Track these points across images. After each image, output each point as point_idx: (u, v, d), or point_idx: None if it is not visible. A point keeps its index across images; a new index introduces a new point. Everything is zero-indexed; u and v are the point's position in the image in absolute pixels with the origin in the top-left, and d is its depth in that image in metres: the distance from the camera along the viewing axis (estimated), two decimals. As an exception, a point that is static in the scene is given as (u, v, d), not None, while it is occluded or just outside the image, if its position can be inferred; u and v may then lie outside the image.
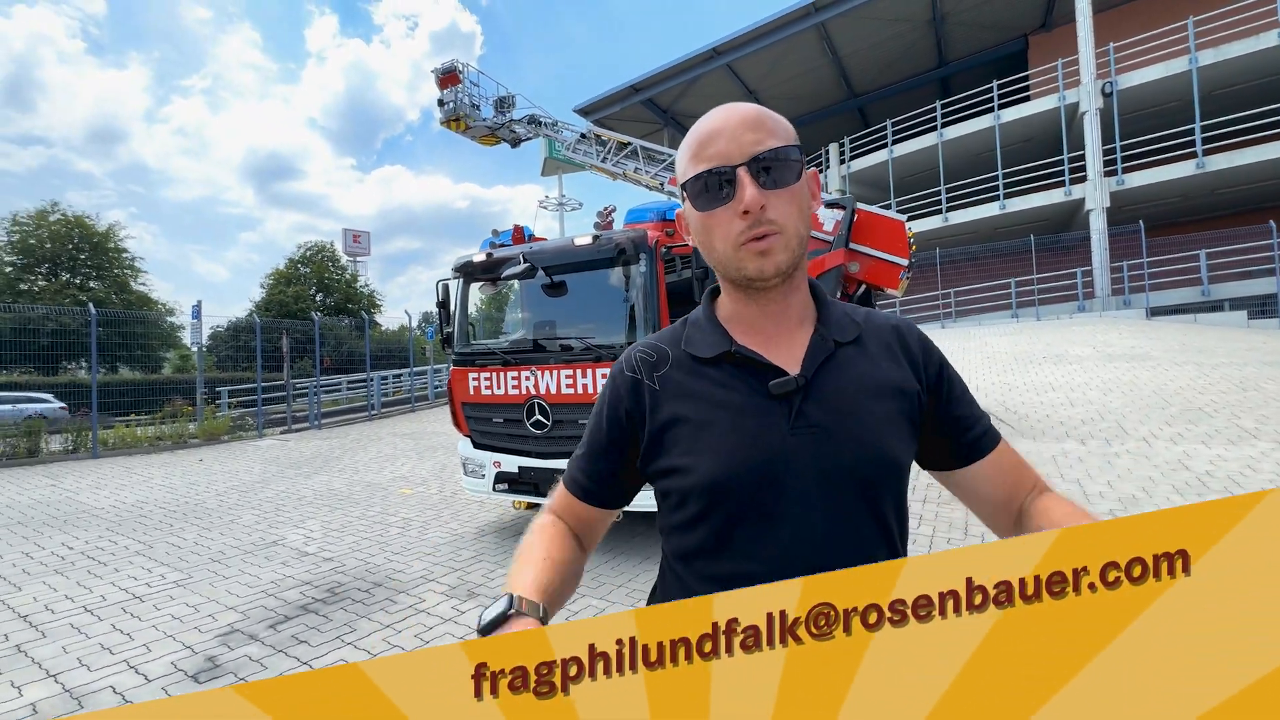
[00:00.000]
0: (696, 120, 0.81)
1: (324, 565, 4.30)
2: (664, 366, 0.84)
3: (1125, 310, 15.78)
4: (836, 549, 0.74)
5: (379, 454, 9.12)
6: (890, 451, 0.76)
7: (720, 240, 0.76)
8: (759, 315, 0.81)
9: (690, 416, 0.79)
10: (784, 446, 0.74)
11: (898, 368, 0.82)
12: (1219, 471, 5.12)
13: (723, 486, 0.75)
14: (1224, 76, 15.52)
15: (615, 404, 0.85)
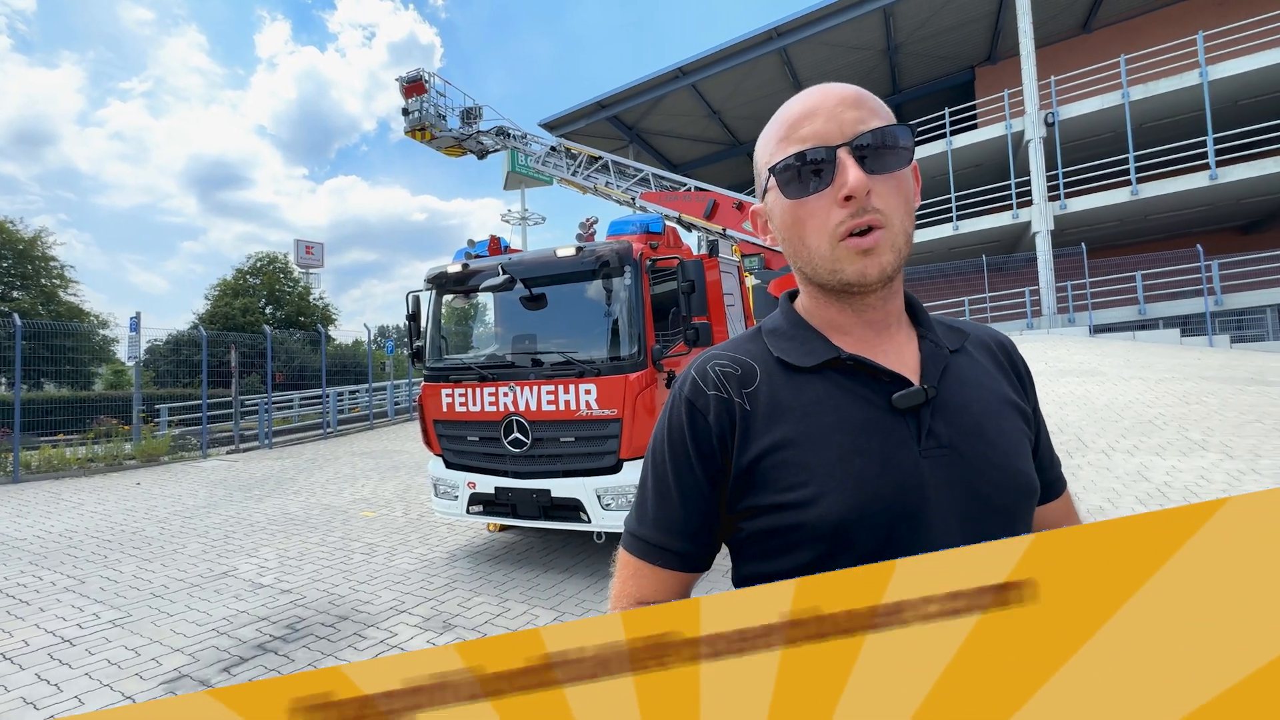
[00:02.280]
0: (663, 139, 0.71)
1: (282, 598, 3.97)
2: (754, 381, 0.68)
3: (1070, 328, 16.58)
4: None
5: (337, 474, 8.66)
6: (1027, 475, 0.68)
7: (815, 234, 0.65)
8: (857, 323, 0.69)
9: (796, 440, 0.64)
10: (917, 471, 0.62)
11: (1008, 382, 0.75)
12: (1176, 482, 5.32)
13: (852, 523, 0.61)
14: (1153, 111, 16.65)
15: (702, 433, 0.67)
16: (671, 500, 0.69)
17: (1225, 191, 15.86)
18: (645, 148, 27.77)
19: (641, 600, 0.69)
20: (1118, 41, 19.16)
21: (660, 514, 0.70)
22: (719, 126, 26.48)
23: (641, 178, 9.99)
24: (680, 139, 27.63)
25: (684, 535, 0.69)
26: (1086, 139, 17.87)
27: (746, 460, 0.65)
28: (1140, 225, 18.58)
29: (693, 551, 0.69)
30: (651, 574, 0.70)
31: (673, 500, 0.69)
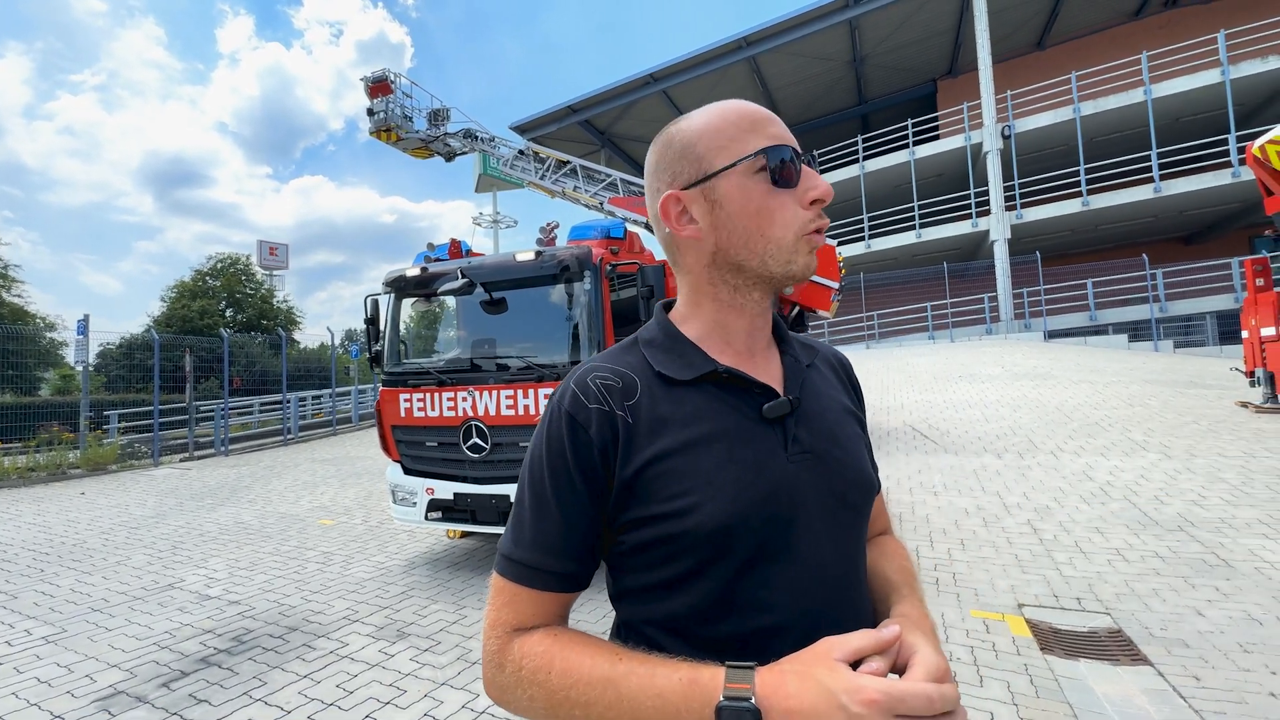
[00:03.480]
0: (712, 104, 0.71)
1: (229, 610, 3.86)
2: (635, 394, 0.68)
3: (1026, 333, 17.16)
4: (845, 584, 0.68)
5: (295, 482, 8.43)
6: (870, 474, 0.76)
7: (782, 227, 0.66)
8: (741, 331, 0.72)
9: (676, 450, 0.65)
10: (786, 475, 0.65)
11: (847, 394, 0.81)
12: (1118, 481, 5.55)
13: (732, 528, 0.62)
14: (1102, 126, 17.40)
15: (584, 446, 0.65)
16: (551, 518, 0.66)
17: (1168, 204, 16.64)
18: (617, 152, 27.86)
19: (519, 626, 0.66)
20: (1070, 59, 19.97)
21: (539, 533, 0.67)
22: (690, 133, 26.72)
23: (610, 183, 10.01)
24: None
25: (565, 554, 0.66)
26: (1041, 151, 18.56)
27: (629, 473, 0.65)
28: (1091, 235, 19.35)
29: (574, 571, 0.67)
30: (529, 597, 0.67)
31: (552, 518, 0.66)
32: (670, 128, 0.73)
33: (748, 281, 0.70)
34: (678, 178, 0.70)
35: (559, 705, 0.60)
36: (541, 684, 0.61)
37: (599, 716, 0.58)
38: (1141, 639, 3.03)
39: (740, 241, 0.68)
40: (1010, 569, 3.97)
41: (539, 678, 0.61)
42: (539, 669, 0.61)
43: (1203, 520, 4.51)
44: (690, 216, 0.70)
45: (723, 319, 0.72)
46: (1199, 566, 3.79)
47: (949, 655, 2.93)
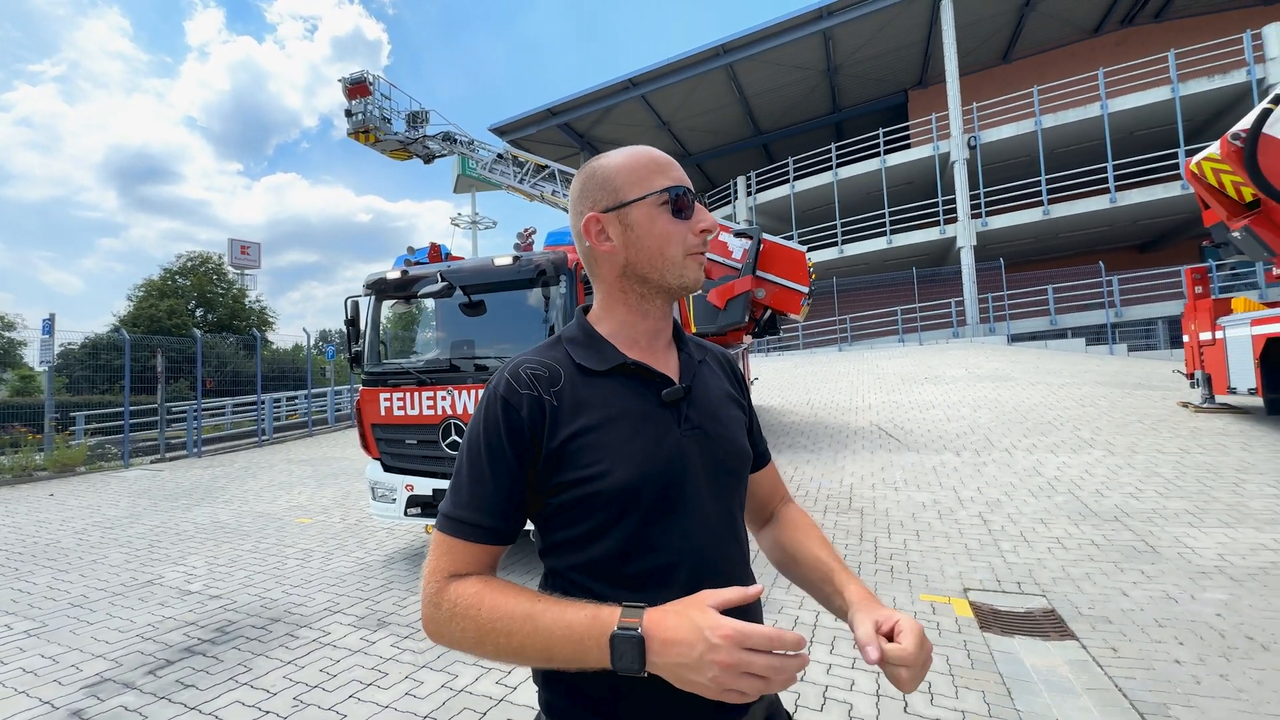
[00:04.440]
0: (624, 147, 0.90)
1: (211, 604, 3.95)
2: (559, 382, 0.82)
3: (991, 336, 17.77)
4: (723, 532, 0.85)
5: (272, 482, 8.43)
6: (746, 447, 0.93)
7: (676, 247, 0.84)
8: (646, 331, 0.89)
9: (593, 427, 0.79)
10: (679, 446, 0.82)
11: (730, 385, 0.99)
12: (1064, 476, 5.91)
13: (635, 488, 0.77)
14: (1062, 138, 18.13)
15: (516, 425, 0.78)
16: (485, 483, 0.79)
17: (1123, 213, 17.41)
18: (594, 155, 28.02)
19: (454, 573, 0.77)
20: (1033, 72, 20.74)
21: (475, 496, 0.79)
22: (669, 137, 26.99)
23: (587, 187, 10.19)
24: (631, 148, 28.03)
25: (495, 513, 0.79)
26: (1005, 161, 19.24)
27: (554, 446, 0.78)
28: (1052, 242, 20.12)
29: (502, 527, 0.79)
30: (464, 549, 0.78)
31: (486, 483, 0.79)
32: (593, 162, 0.89)
33: (651, 290, 0.87)
34: (598, 203, 0.86)
35: (486, 635, 0.72)
36: (472, 618, 0.73)
37: (519, 644, 0.70)
38: (1071, 617, 3.32)
39: (645, 258, 0.84)
40: (960, 557, 4.25)
41: (470, 614, 0.73)
42: (470, 606, 0.73)
43: (1137, 511, 4.86)
44: (606, 235, 0.85)
45: (631, 320, 0.88)
46: (1129, 552, 4.11)
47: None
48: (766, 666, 0.63)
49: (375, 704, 2.66)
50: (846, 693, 2.65)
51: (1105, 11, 20.18)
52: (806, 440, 8.39)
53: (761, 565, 2.02)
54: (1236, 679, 2.60)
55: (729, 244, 8.68)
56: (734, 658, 0.62)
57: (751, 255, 8.33)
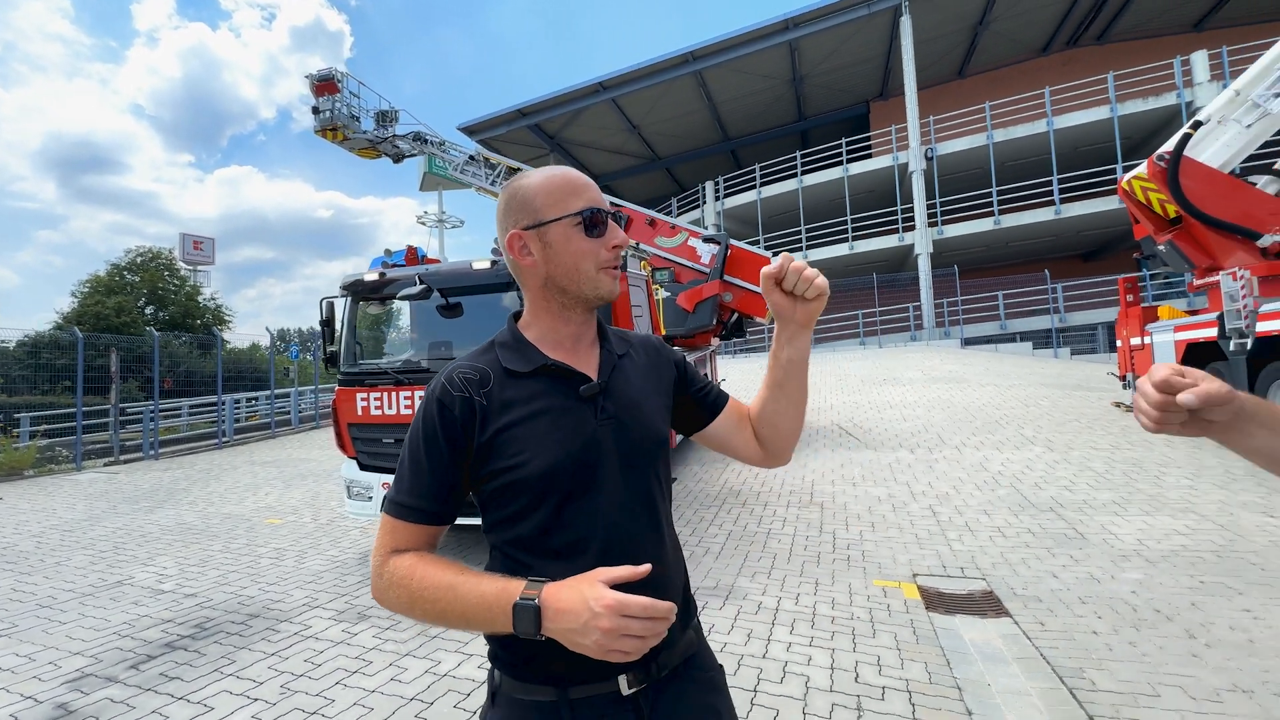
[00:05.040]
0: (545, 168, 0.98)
1: (186, 602, 3.97)
2: (489, 384, 0.93)
3: (946, 340, 18.55)
4: (636, 508, 0.95)
5: (237, 484, 8.31)
6: (660, 432, 1.01)
7: (589, 263, 0.94)
8: (568, 335, 0.99)
9: (518, 422, 0.91)
10: (595, 435, 0.93)
11: (656, 370, 1.08)
12: (1007, 471, 6.34)
13: (553, 473, 0.89)
14: (1012, 152, 19.07)
15: (449, 423, 0.90)
16: (422, 474, 0.90)
17: (1067, 224, 18.42)
18: (566, 157, 28.08)
19: (395, 549, 0.90)
20: (987, 88, 21.73)
21: (415, 484, 0.90)
22: (638, 141, 27.25)
23: (559, 191, 10.31)
24: (601, 150, 28.18)
25: (430, 498, 0.90)
26: (960, 173, 20.12)
27: (484, 439, 0.90)
28: (1003, 251, 21.11)
29: (439, 510, 0.91)
30: (404, 529, 0.90)
31: (423, 473, 0.90)
32: (515, 182, 0.98)
33: (571, 301, 0.97)
34: (519, 221, 0.94)
35: (416, 602, 0.84)
36: (405, 587, 0.85)
37: (443, 610, 0.83)
38: (1007, 597, 3.64)
39: (563, 272, 0.94)
40: (910, 546, 4.57)
41: (404, 583, 0.85)
42: (404, 577, 0.86)
43: (1070, 502, 5.28)
44: (529, 250, 0.95)
45: (554, 326, 0.99)
46: (1060, 539, 4.50)
47: (851, 616, 3.45)
48: (643, 628, 0.75)
49: (361, 689, 2.79)
50: (804, 667, 2.89)
51: (1052, 32, 21.31)
52: (771, 439, 8.71)
53: (713, 546, 2.22)
54: (1143, 646, 2.94)
55: (698, 249, 8.94)
56: (614, 624, 0.74)
57: (719, 260, 8.61)
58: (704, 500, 6.04)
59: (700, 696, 0.98)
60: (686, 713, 0.95)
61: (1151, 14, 20.35)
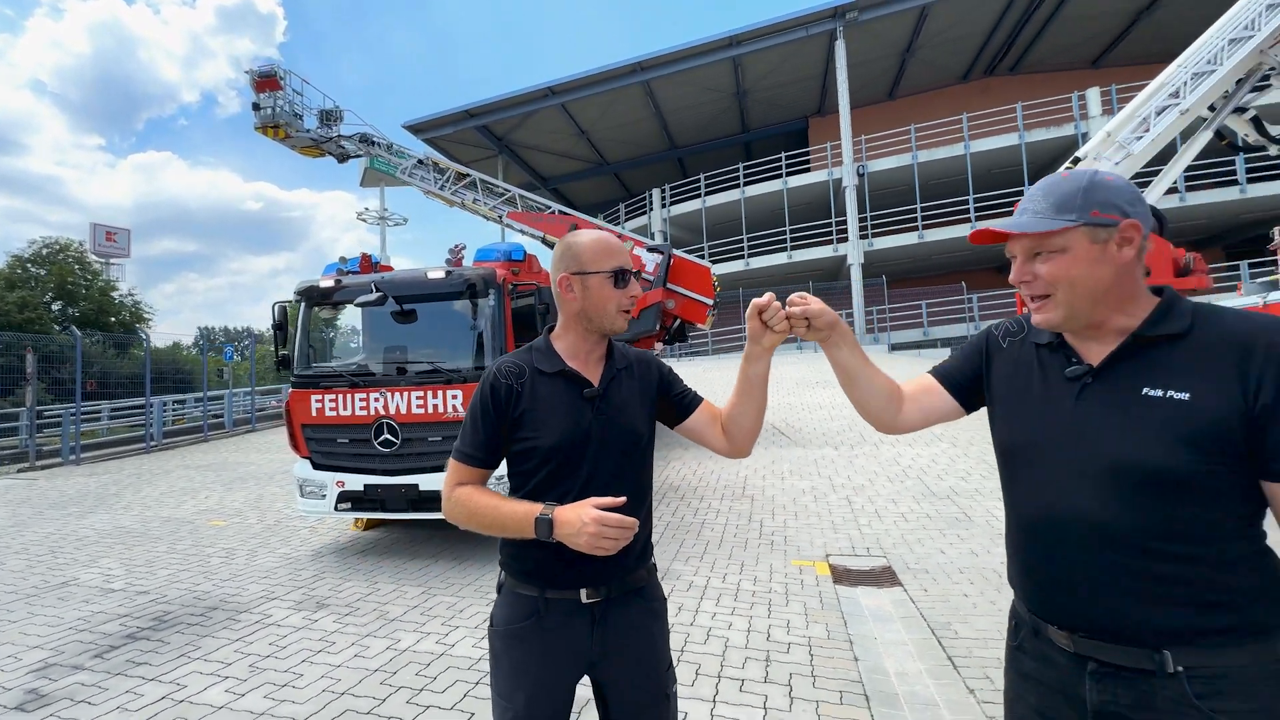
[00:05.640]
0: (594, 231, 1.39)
1: (139, 598, 4.06)
2: (525, 376, 1.33)
3: (875, 345, 19.80)
4: (610, 478, 1.31)
5: (172, 488, 8.13)
6: (639, 429, 1.39)
7: (614, 305, 1.33)
8: (585, 350, 1.38)
9: (539, 407, 1.31)
10: (589, 425, 1.32)
11: (644, 381, 1.45)
12: (915, 465, 7.09)
13: (555, 447, 1.29)
14: (934, 171, 20.56)
15: (496, 400, 1.31)
16: (479, 432, 1.32)
17: (982, 240, 19.98)
18: (514, 159, 28.06)
19: (459, 483, 1.32)
20: (914, 110, 23.28)
21: (473, 440, 1.32)
22: (587, 146, 27.55)
23: (508, 198, 10.57)
24: (550, 154, 28.31)
25: (481, 449, 1.32)
26: (888, 189, 21.49)
27: (515, 415, 1.31)
28: (926, 263, 22.68)
29: (486, 458, 1.33)
30: (465, 470, 1.33)
31: (478, 432, 1.32)
32: (572, 237, 1.36)
33: (593, 328, 1.36)
34: (569, 267, 1.34)
35: (473, 516, 1.27)
36: (465, 506, 1.28)
37: (490, 521, 1.24)
38: (901, 571, 4.24)
39: (593, 309, 1.34)
40: (826, 531, 5.15)
41: (465, 504, 1.28)
42: (465, 500, 1.29)
43: (964, 490, 6.02)
44: (572, 289, 1.34)
45: (576, 343, 1.38)
46: (951, 522, 5.18)
47: (769, 591, 3.96)
48: (615, 533, 1.16)
49: (328, 665, 3.05)
50: (725, 631, 3.36)
51: (971, 62, 23.10)
52: (710, 438, 9.26)
53: (653, 536, 2.61)
54: (1001, 603, 3.57)
55: (643, 258, 9.40)
56: (596, 530, 1.14)
57: (663, 269, 9.10)
58: (645, 495, 6.47)
59: (640, 618, 1.35)
60: (626, 625, 1.33)
61: (1057, 50, 22.40)
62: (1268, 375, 0.86)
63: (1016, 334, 1.17)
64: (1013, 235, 1.03)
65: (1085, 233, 0.96)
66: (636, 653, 1.34)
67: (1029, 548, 1.08)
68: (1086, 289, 0.97)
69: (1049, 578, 1.03)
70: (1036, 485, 1.05)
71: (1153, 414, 0.92)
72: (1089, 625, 0.97)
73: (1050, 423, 1.03)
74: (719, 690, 2.75)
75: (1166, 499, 0.90)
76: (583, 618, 1.29)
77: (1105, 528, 0.94)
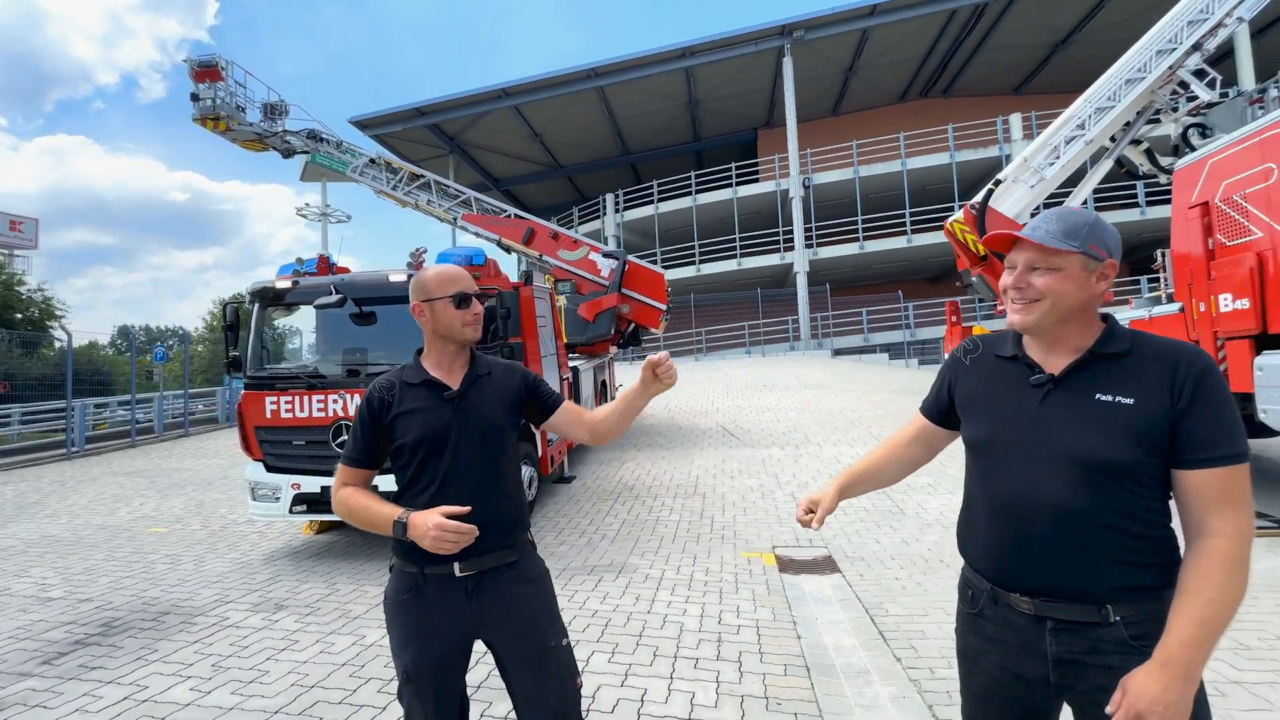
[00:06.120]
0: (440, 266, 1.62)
1: (82, 606, 3.94)
2: (394, 389, 1.58)
3: (819, 350, 20.66)
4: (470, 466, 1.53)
5: (102, 495, 7.73)
6: (500, 423, 1.62)
7: (458, 321, 1.57)
8: (446, 361, 1.61)
9: (409, 412, 1.55)
10: (450, 422, 1.54)
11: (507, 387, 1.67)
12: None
13: (420, 441, 1.53)
14: (874, 186, 21.67)
15: (372, 410, 1.57)
16: (360, 440, 1.57)
17: (917, 252, 21.23)
18: (466, 159, 27.70)
19: (344, 484, 1.57)
20: (857, 127, 24.44)
21: (354, 446, 1.58)
22: (541, 148, 27.51)
23: (464, 200, 10.55)
24: (502, 155, 28.10)
25: (361, 452, 1.57)
26: (832, 201, 22.49)
27: (388, 421, 1.55)
28: (867, 272, 23.84)
29: (367, 461, 1.58)
30: (349, 471, 1.58)
31: (360, 440, 1.57)
32: (421, 274, 1.61)
33: (448, 341, 1.60)
34: (419, 297, 1.59)
35: (351, 513, 1.52)
36: (346, 504, 1.53)
37: (364, 519, 1.50)
38: (840, 559, 4.59)
39: (442, 328, 1.58)
40: (773, 525, 5.48)
41: (345, 502, 1.53)
42: (345, 499, 1.54)
43: (897, 486, 6.48)
44: (424, 314, 1.59)
45: (439, 357, 1.62)
46: (886, 514, 5.61)
47: (720, 580, 4.22)
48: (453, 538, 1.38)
49: (294, 661, 3.10)
50: (680, 616, 3.60)
51: (908, 83, 24.46)
52: (663, 440, 9.53)
53: (609, 533, 2.79)
54: (926, 585, 3.96)
55: (598, 263, 9.60)
56: (438, 534, 1.37)
57: (618, 274, 9.32)
58: (601, 495, 6.66)
59: (512, 586, 1.55)
60: (501, 595, 1.54)
61: (984, 76, 24.03)
62: (1187, 385, 1.09)
63: (974, 351, 1.37)
64: (1024, 243, 1.18)
65: (1080, 260, 1.14)
66: (514, 618, 1.54)
67: (997, 526, 1.23)
68: (1066, 305, 1.15)
69: (1015, 551, 1.19)
70: (1007, 474, 1.21)
71: (1105, 415, 1.12)
72: (1049, 589, 1.16)
73: (1018, 422, 1.20)
74: (675, 668, 2.97)
75: (1115, 484, 1.10)
76: (458, 589, 1.51)
77: (1067, 507, 1.12)
